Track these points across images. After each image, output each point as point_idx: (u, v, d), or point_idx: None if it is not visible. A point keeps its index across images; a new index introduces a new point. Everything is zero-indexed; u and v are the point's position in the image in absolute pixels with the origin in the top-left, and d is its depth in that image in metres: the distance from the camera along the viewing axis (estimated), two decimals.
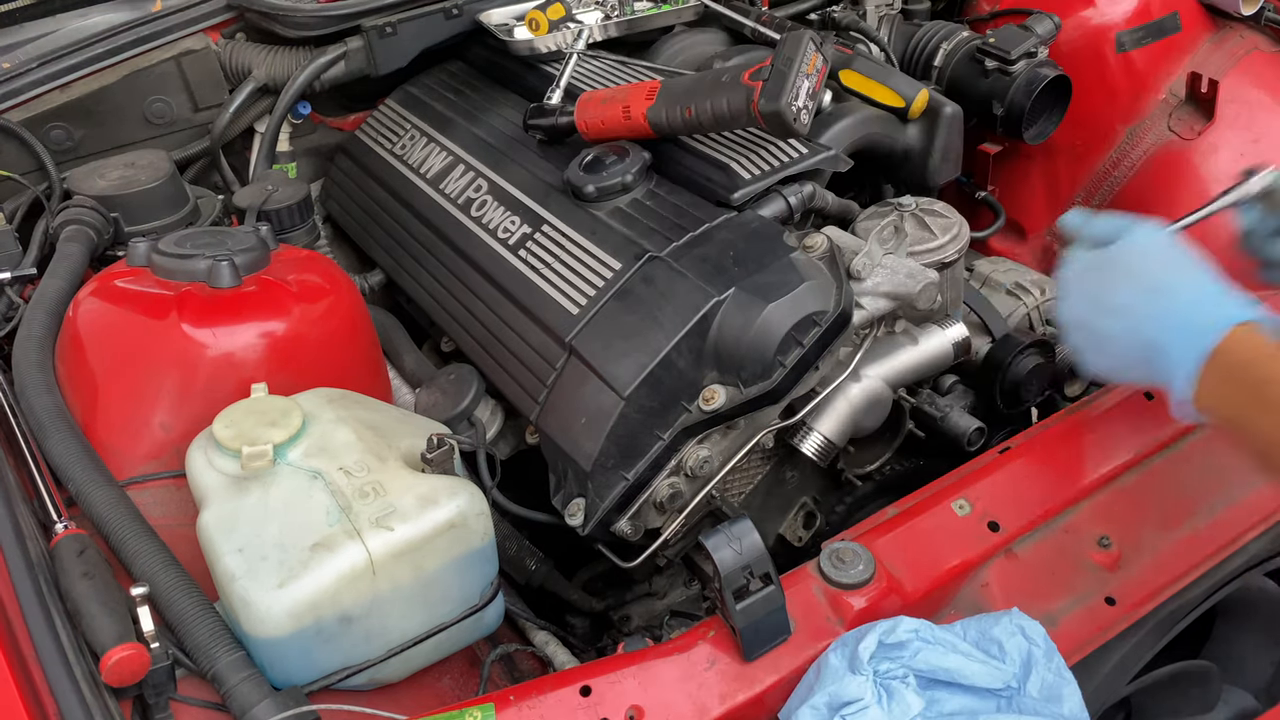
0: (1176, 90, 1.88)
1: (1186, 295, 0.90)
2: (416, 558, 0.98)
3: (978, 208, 1.93)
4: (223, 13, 1.78)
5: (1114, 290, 0.94)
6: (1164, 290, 0.91)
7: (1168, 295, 0.91)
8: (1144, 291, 0.92)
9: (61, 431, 1.10)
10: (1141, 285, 0.93)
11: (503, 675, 1.18)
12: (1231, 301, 0.90)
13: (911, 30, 1.90)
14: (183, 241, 1.23)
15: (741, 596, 0.90)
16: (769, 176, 1.34)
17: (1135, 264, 0.95)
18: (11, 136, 1.61)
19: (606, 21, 1.71)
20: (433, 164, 1.62)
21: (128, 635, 0.89)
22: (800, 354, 1.18)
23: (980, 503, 1.05)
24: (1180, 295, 0.90)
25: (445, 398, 1.38)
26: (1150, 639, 1.06)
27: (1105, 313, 0.94)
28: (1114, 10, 1.88)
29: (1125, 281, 0.94)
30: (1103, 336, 0.95)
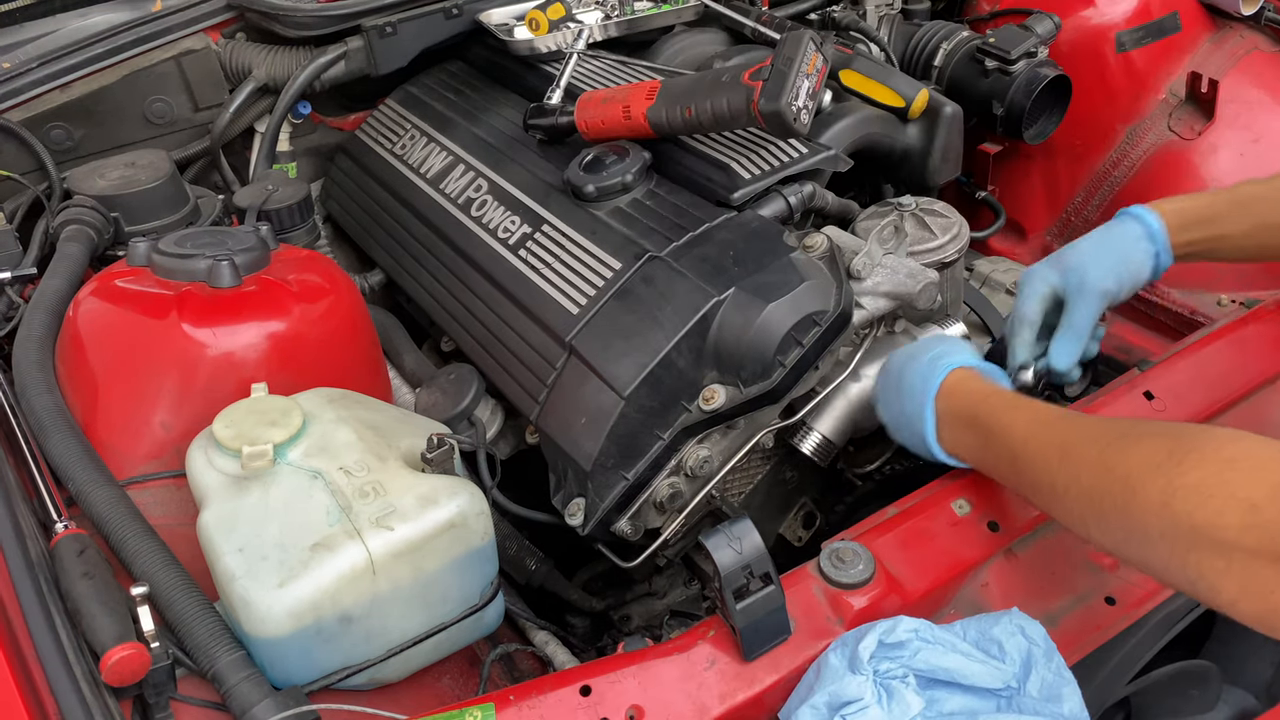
0: (1176, 90, 1.88)
1: (919, 365, 1.07)
2: (416, 558, 0.98)
3: (978, 208, 1.93)
4: (223, 13, 1.78)
5: (890, 371, 1.12)
6: (912, 355, 1.09)
7: (913, 363, 1.08)
8: (904, 363, 1.10)
9: (61, 431, 1.10)
10: (903, 361, 1.11)
11: (503, 675, 1.18)
12: (953, 349, 1.08)
13: (911, 30, 1.90)
14: (183, 241, 1.23)
15: (741, 596, 0.90)
16: (769, 176, 1.34)
17: (911, 345, 1.14)
18: (11, 136, 1.61)
19: (606, 21, 1.71)
20: (433, 164, 1.62)
21: (128, 635, 0.89)
22: (800, 354, 1.18)
23: (980, 503, 1.05)
24: (920, 358, 1.08)
25: (445, 398, 1.38)
26: (1150, 639, 1.06)
27: (888, 390, 1.11)
28: (1114, 10, 1.88)
29: (895, 362, 1.12)
30: (897, 416, 1.11)
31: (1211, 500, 0.79)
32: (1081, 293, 1.15)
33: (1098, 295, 1.15)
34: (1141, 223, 1.18)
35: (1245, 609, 0.79)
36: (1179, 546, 0.81)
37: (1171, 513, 0.80)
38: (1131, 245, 1.17)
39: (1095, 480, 0.87)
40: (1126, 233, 1.18)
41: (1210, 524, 0.78)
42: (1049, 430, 0.94)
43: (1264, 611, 0.78)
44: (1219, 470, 0.80)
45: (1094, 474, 0.88)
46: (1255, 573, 0.77)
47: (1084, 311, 1.15)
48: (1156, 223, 1.17)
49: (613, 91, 1.43)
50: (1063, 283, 1.17)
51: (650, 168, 1.40)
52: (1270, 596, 0.76)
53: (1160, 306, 1.72)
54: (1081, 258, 1.17)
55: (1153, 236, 1.17)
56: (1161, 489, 0.81)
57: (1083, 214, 1.94)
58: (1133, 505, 0.83)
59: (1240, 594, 0.78)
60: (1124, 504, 0.84)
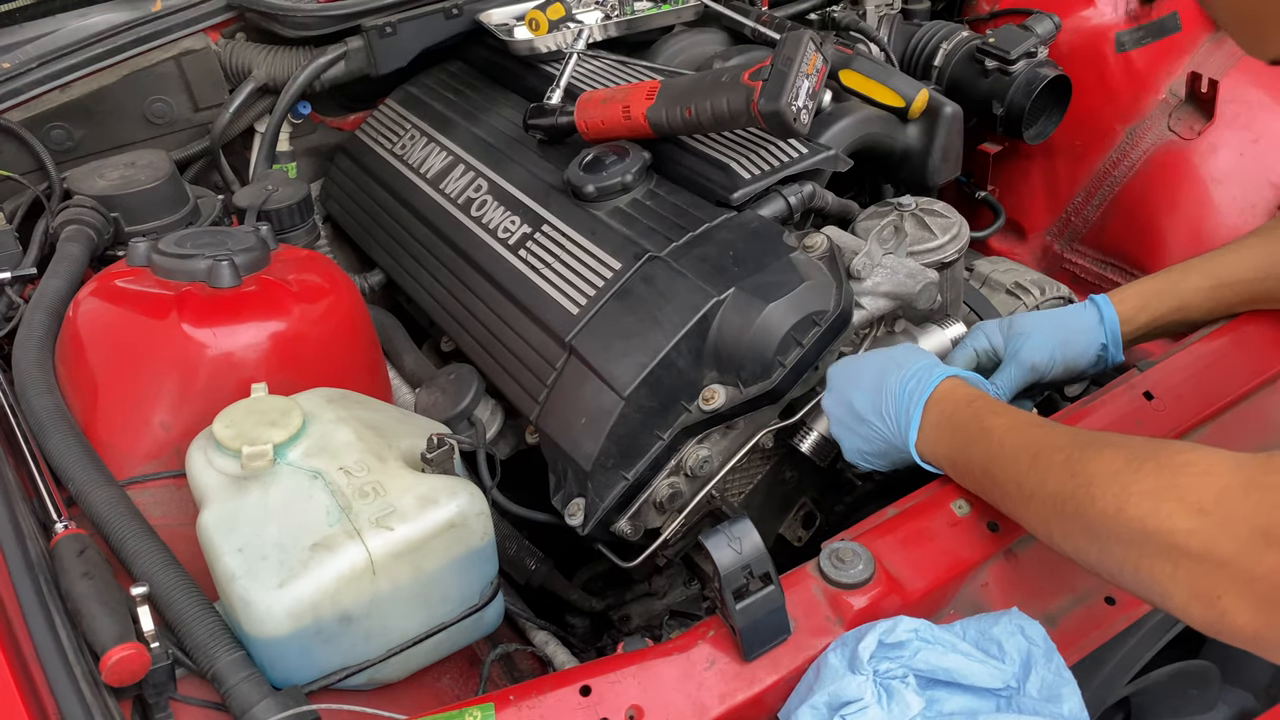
0: (1176, 90, 1.88)
1: (913, 369, 1.09)
2: (416, 558, 0.98)
3: (978, 208, 1.93)
4: (223, 13, 1.78)
5: (863, 373, 1.12)
6: (898, 365, 1.10)
7: (900, 369, 1.09)
8: (886, 366, 1.11)
9: (61, 431, 1.10)
10: (882, 363, 1.12)
11: (502, 675, 1.18)
12: (939, 363, 1.11)
13: (911, 30, 1.90)
14: (183, 241, 1.23)
15: (741, 596, 0.90)
16: (769, 176, 1.34)
17: (880, 354, 1.15)
18: (11, 136, 1.61)
19: (606, 21, 1.71)
20: (433, 164, 1.62)
21: (128, 635, 0.89)
22: (800, 354, 1.18)
23: (980, 503, 1.05)
24: (909, 370, 1.09)
25: (445, 398, 1.38)
26: (1150, 639, 1.06)
27: (857, 390, 1.12)
28: (1114, 10, 1.88)
29: (870, 365, 1.13)
30: (856, 415, 1.11)
31: (1162, 506, 0.80)
32: (1014, 359, 1.23)
33: (1026, 367, 1.22)
34: (1098, 313, 1.25)
35: (1195, 614, 0.79)
36: (1132, 552, 0.82)
37: (1125, 518, 0.82)
38: (1079, 334, 1.24)
39: (1059, 485, 0.89)
40: (1079, 320, 1.25)
41: (1160, 529, 0.80)
42: (1023, 435, 0.97)
43: (1212, 617, 0.78)
44: (1171, 476, 0.81)
45: (1059, 479, 0.89)
46: (1202, 577, 0.78)
47: (1009, 375, 1.22)
48: (1112, 316, 1.24)
49: (613, 91, 1.43)
50: (1003, 344, 1.25)
51: (650, 168, 1.40)
52: (1217, 601, 0.77)
53: None
54: (1027, 328, 1.25)
55: (1104, 329, 1.24)
56: (1116, 495, 0.83)
57: (1082, 214, 1.94)
58: (1091, 511, 0.85)
59: (1189, 599, 0.79)
60: (1084, 509, 0.86)
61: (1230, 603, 0.76)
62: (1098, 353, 1.25)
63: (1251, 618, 0.75)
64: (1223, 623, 0.77)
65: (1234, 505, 0.77)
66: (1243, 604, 0.75)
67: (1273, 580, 0.74)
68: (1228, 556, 0.76)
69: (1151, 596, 0.83)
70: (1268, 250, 1.22)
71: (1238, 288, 1.22)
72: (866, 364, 1.14)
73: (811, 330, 1.19)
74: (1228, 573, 0.76)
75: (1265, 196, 1.77)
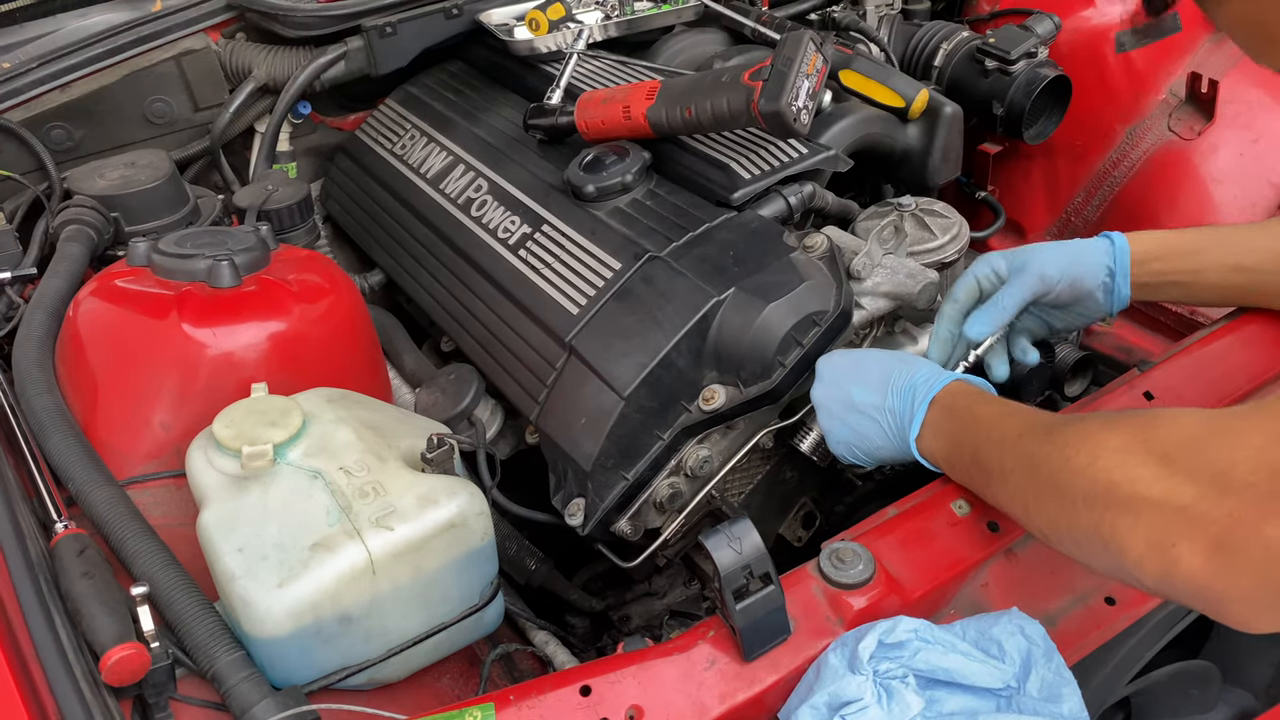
0: (1176, 90, 1.88)
1: (922, 371, 1.09)
2: (416, 558, 0.98)
3: (978, 208, 1.93)
4: (223, 13, 1.78)
5: (868, 369, 1.12)
6: (906, 365, 1.11)
7: (908, 368, 1.10)
8: (893, 364, 1.11)
9: (61, 431, 1.10)
10: (888, 361, 1.12)
11: (502, 675, 1.18)
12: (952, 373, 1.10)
13: (911, 30, 1.90)
14: (183, 241, 1.23)
15: (741, 596, 0.90)
16: (769, 176, 1.34)
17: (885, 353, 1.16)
18: (11, 136, 1.61)
19: (606, 21, 1.71)
20: (433, 164, 1.62)
21: (128, 635, 0.89)
22: (800, 354, 1.18)
23: (980, 503, 1.05)
24: (918, 370, 1.09)
25: (445, 398, 1.38)
26: (1150, 639, 1.06)
27: (857, 384, 1.11)
28: (1114, 10, 1.88)
29: (876, 361, 1.13)
30: (852, 407, 1.11)
31: (1130, 458, 0.80)
32: (1021, 272, 1.18)
33: (1035, 277, 1.17)
34: (1110, 241, 1.20)
35: (1148, 566, 0.79)
36: (1097, 507, 0.82)
37: (1093, 473, 0.83)
38: (1089, 254, 1.20)
39: (1037, 452, 0.90)
40: (1090, 245, 1.21)
41: (1125, 479, 0.80)
42: (1011, 419, 0.97)
43: (1164, 565, 0.77)
44: (1141, 430, 0.82)
45: (1038, 447, 0.90)
46: (1159, 523, 0.77)
47: (1014, 290, 1.17)
48: (1124, 245, 1.19)
49: (613, 91, 1.43)
50: (1008, 265, 1.20)
51: (650, 168, 1.40)
52: (1170, 549, 0.76)
53: (1160, 306, 1.72)
54: (1035, 248, 1.20)
55: (1114, 255, 1.19)
56: (1089, 452, 0.84)
57: (1083, 214, 1.94)
58: (1064, 472, 0.86)
59: (1145, 549, 0.78)
60: (1057, 471, 0.86)
61: (1183, 549, 0.75)
62: (1104, 279, 1.20)
63: (1202, 564, 0.74)
64: (1174, 572, 0.76)
65: (1197, 452, 0.77)
66: (1195, 550, 0.75)
67: (1225, 525, 0.73)
68: (1186, 502, 0.76)
69: (1110, 552, 0.82)
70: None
71: (1254, 275, 1.19)
72: (871, 360, 1.13)
73: (811, 330, 1.19)
74: (1183, 518, 0.76)
75: (1265, 196, 1.77)
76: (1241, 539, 0.73)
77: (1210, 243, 1.21)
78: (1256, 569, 0.73)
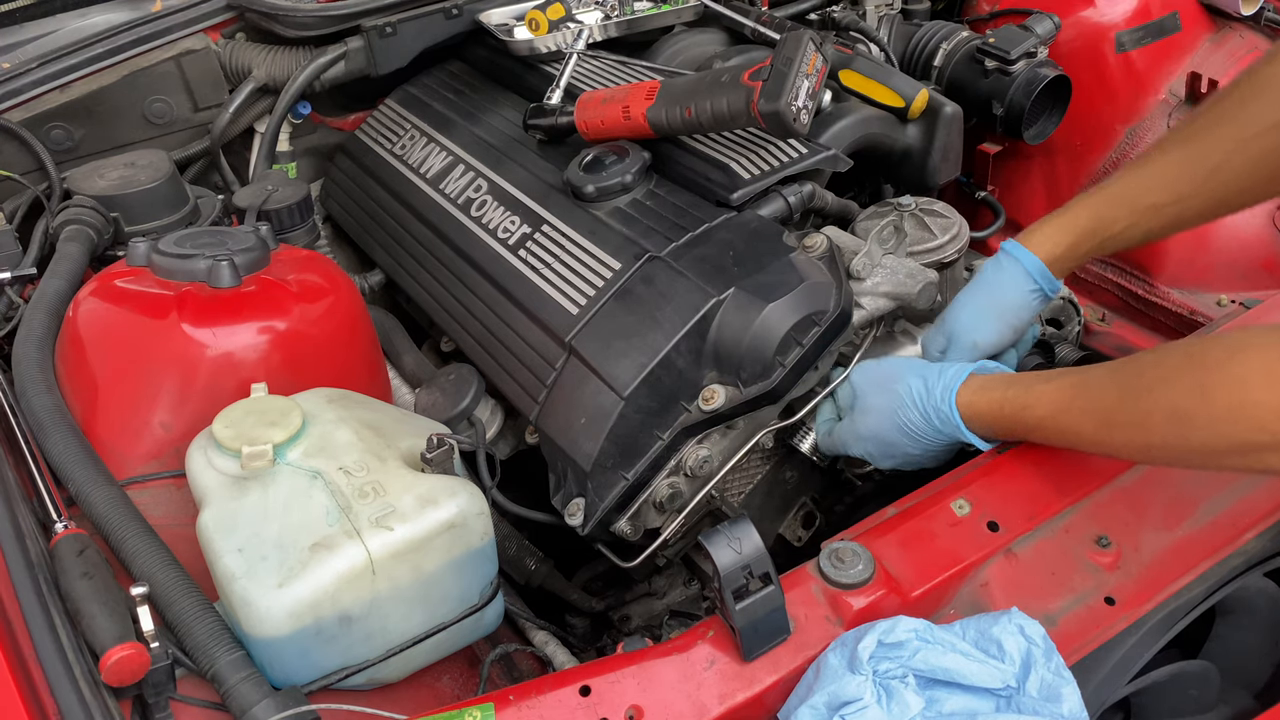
0: (1176, 90, 1.88)
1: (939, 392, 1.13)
2: (416, 558, 0.98)
3: (978, 208, 1.93)
4: (223, 13, 1.78)
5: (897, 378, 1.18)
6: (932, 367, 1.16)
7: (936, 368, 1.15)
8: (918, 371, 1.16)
9: (61, 431, 1.10)
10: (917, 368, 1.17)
11: (502, 675, 1.18)
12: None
13: (911, 30, 1.90)
14: (183, 241, 1.23)
15: (741, 596, 0.90)
16: (769, 176, 1.34)
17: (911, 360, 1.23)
18: (11, 136, 1.61)
19: (606, 21, 1.71)
20: (433, 164, 1.62)
21: (127, 635, 0.89)
22: (800, 354, 1.18)
23: (980, 503, 1.05)
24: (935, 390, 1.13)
25: (445, 398, 1.38)
26: (1150, 639, 1.06)
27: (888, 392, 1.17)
28: (1114, 10, 1.88)
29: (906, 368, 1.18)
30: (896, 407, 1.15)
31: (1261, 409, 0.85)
32: (955, 346, 1.23)
33: (969, 348, 1.22)
34: (1017, 262, 1.22)
35: None
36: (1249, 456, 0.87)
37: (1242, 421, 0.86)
38: (1008, 293, 1.23)
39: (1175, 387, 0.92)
40: (1005, 280, 1.23)
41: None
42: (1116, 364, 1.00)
43: None
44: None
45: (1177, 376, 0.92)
46: None
47: (956, 367, 1.18)
48: (1032, 260, 1.21)
49: (613, 92, 1.43)
50: (944, 340, 1.24)
51: (650, 168, 1.40)
52: None
53: (1160, 306, 1.72)
54: (954, 313, 1.24)
55: (1029, 274, 1.21)
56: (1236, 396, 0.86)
57: None
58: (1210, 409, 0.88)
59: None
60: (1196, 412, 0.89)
61: None
62: (1032, 301, 1.23)
63: None
64: None
65: None
66: None
67: None
68: None
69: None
70: (1175, 171, 1.17)
71: (1157, 212, 1.19)
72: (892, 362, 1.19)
73: (811, 330, 1.19)
74: None
75: None
76: None
77: (1104, 206, 1.21)
78: None
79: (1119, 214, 1.19)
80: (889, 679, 0.88)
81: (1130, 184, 1.19)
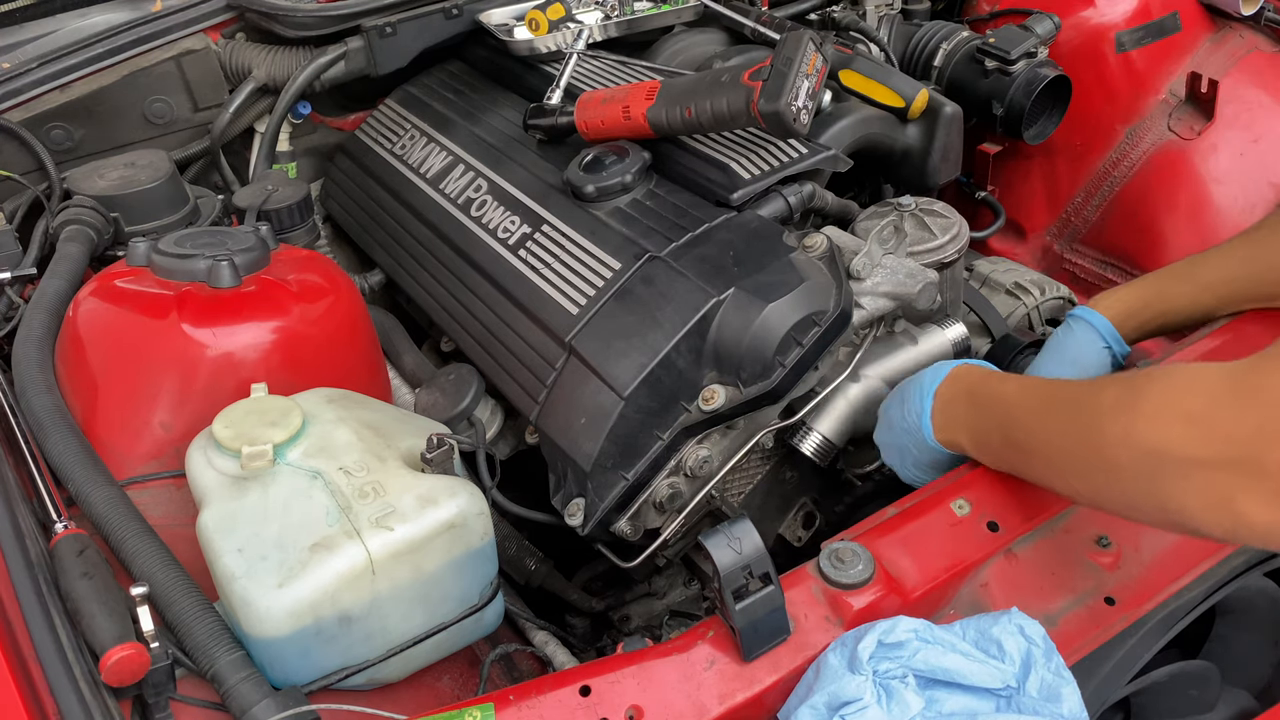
0: (1176, 90, 1.88)
1: (928, 371, 1.15)
2: (416, 558, 0.98)
3: (978, 208, 1.93)
4: (223, 13, 1.78)
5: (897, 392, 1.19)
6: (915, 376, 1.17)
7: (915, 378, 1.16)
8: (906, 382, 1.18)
9: (61, 431, 1.10)
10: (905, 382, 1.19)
11: (502, 675, 1.18)
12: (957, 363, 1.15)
13: (911, 30, 1.90)
14: (183, 241, 1.23)
15: (741, 596, 0.90)
16: (769, 176, 1.34)
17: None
18: (11, 136, 1.61)
19: (606, 21, 1.71)
20: (433, 164, 1.62)
21: (127, 635, 0.89)
22: (800, 354, 1.18)
23: (980, 503, 1.05)
24: (924, 371, 1.15)
25: (445, 398, 1.38)
26: (1150, 639, 1.06)
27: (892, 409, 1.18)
28: (1114, 10, 1.88)
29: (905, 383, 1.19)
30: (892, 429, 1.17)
31: (1167, 425, 0.83)
32: None
33: None
34: (1093, 328, 1.26)
35: (1213, 524, 0.81)
36: (1143, 477, 0.84)
37: (1133, 444, 0.85)
38: (1086, 352, 1.27)
39: (1069, 426, 0.93)
40: (1081, 341, 1.27)
41: (1165, 444, 0.82)
42: (1037, 390, 1.00)
43: (1229, 521, 0.79)
44: (1164, 393, 0.84)
45: (1069, 422, 0.93)
46: (1214, 483, 0.79)
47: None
48: (1105, 324, 1.26)
49: (612, 92, 1.43)
50: None
51: (650, 168, 1.40)
52: (1230, 504, 0.79)
53: None
54: (1038, 370, 1.29)
55: (1102, 335, 1.26)
56: (1124, 425, 0.86)
57: (1082, 214, 1.94)
58: (1103, 446, 0.88)
59: (1206, 509, 0.81)
60: (1095, 446, 0.88)
61: (1245, 504, 0.78)
62: (1111, 361, 1.27)
63: (1268, 513, 0.77)
64: (1241, 524, 0.79)
65: (1230, 409, 0.80)
66: (1257, 502, 0.77)
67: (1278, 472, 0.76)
68: (1235, 457, 0.78)
69: (1171, 518, 0.84)
70: (1244, 254, 1.24)
71: (1218, 290, 1.25)
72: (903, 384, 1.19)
73: (811, 330, 1.19)
74: (1237, 474, 0.78)
75: (1265, 196, 1.77)
76: None
77: (1171, 280, 1.28)
78: None
79: (1182, 289, 1.26)
80: (889, 679, 0.88)
81: (1195, 263, 1.27)
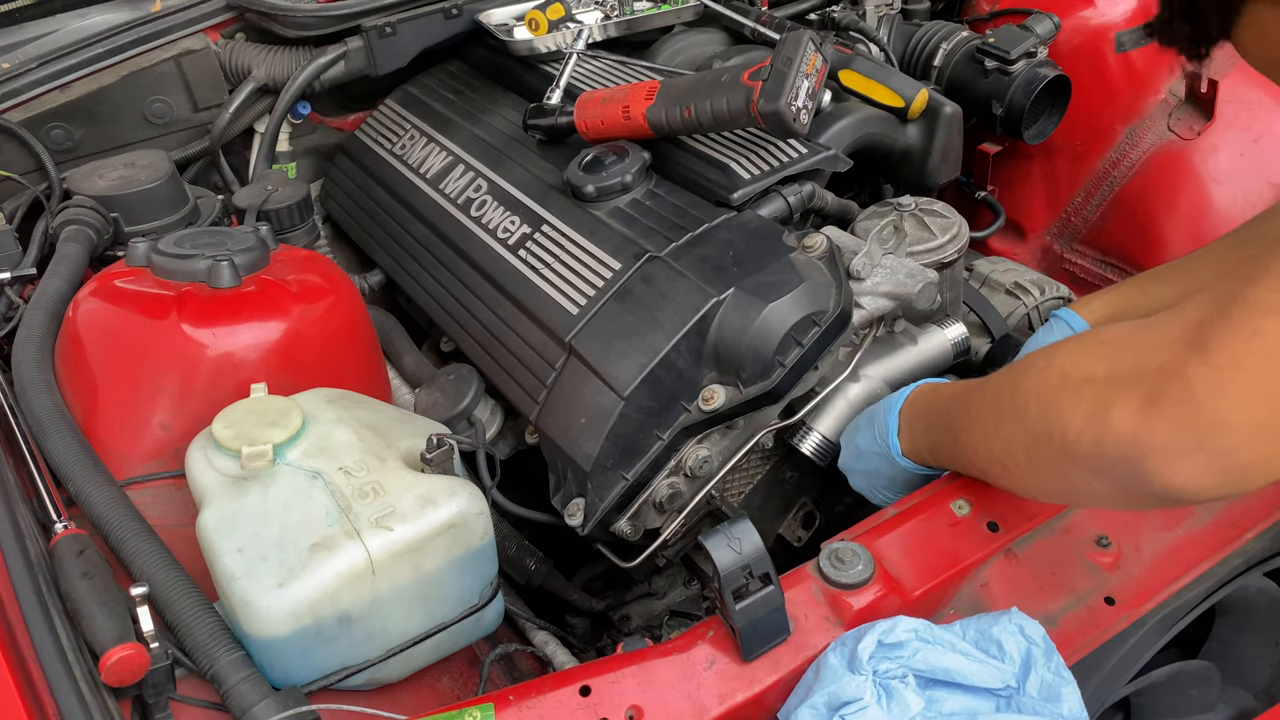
0: (1176, 90, 1.88)
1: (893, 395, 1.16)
2: (416, 558, 0.98)
3: (978, 208, 1.93)
4: (223, 13, 1.78)
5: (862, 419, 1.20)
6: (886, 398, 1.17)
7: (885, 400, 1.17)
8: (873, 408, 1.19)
9: (61, 431, 1.10)
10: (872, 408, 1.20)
11: (502, 675, 1.18)
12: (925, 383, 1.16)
13: (911, 30, 1.90)
14: (183, 241, 1.23)
15: (741, 596, 0.90)
16: (769, 176, 1.34)
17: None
18: (11, 136, 1.61)
19: (606, 21, 1.71)
20: (432, 164, 1.62)
21: (127, 635, 0.89)
22: (799, 354, 1.18)
23: (980, 503, 1.05)
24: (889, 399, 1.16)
25: (445, 398, 1.38)
26: (1150, 639, 1.06)
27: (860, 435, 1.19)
28: (1114, 10, 1.88)
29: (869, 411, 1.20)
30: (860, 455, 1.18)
31: (1082, 350, 0.86)
32: None
33: None
34: (1071, 329, 1.26)
35: (1085, 438, 0.82)
36: (1046, 400, 0.86)
37: (1048, 373, 0.87)
38: None
39: (999, 384, 0.95)
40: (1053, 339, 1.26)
41: (1076, 366, 0.85)
42: (980, 384, 1.02)
43: (1097, 432, 0.80)
44: (1087, 335, 0.87)
45: (1000, 381, 0.96)
46: (1100, 394, 0.81)
47: None
48: (1083, 326, 1.25)
49: (612, 92, 1.43)
50: None
51: (650, 168, 1.40)
52: (1105, 414, 0.79)
53: None
54: None
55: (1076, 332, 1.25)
56: (1045, 358, 0.89)
57: (1082, 214, 1.94)
58: (1021, 385, 0.90)
59: (1084, 422, 0.81)
60: (1016, 389, 0.91)
61: (1116, 412, 0.79)
62: None
63: (1130, 420, 0.78)
64: (1105, 436, 0.79)
65: (1138, 335, 0.82)
66: (1126, 409, 0.78)
67: (1154, 379, 0.77)
68: (1125, 369, 0.80)
69: (1054, 449, 0.85)
70: (1231, 257, 1.23)
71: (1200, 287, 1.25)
72: (866, 412, 1.20)
73: (811, 330, 1.19)
74: (1120, 383, 0.79)
75: (1265, 196, 1.77)
76: (1166, 388, 0.76)
77: (1155, 282, 1.27)
78: (1177, 413, 0.76)
79: (1164, 290, 1.24)
80: (889, 679, 0.88)
81: (1179, 265, 1.27)
